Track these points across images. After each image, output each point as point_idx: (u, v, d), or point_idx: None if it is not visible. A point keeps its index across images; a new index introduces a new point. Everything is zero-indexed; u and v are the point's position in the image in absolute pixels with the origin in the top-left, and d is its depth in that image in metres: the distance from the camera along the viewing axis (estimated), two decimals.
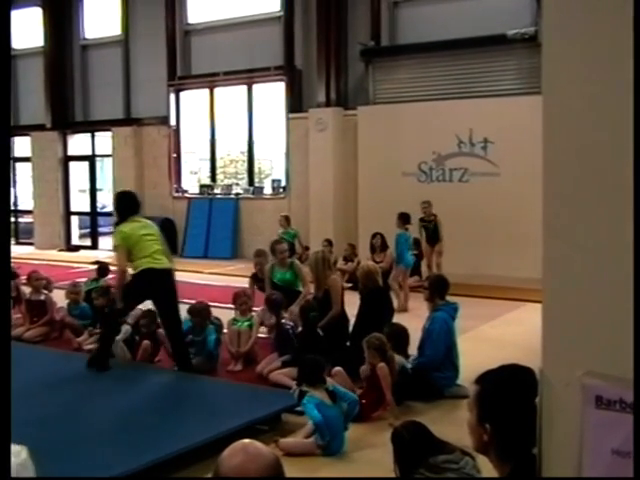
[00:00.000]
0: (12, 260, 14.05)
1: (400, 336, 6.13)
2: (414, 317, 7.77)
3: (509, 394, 2.08)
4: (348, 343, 6.88)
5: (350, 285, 10.32)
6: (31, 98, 18.79)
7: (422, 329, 6.42)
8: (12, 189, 20.09)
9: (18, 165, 19.93)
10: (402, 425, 3.97)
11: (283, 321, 7.02)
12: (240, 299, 7.38)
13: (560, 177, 1.66)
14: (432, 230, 11.51)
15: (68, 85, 18.53)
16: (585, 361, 1.61)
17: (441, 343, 6.19)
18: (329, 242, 12.46)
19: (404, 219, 10.41)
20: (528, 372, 2.12)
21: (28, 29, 19.02)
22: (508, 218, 11.64)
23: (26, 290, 8.87)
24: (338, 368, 5.87)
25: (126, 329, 7.14)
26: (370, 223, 12.40)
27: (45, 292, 8.60)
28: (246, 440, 1.82)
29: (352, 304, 7.29)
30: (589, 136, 1.58)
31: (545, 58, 1.69)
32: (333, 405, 5.05)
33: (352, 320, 7.13)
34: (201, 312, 7.01)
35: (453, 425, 5.19)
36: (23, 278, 9.22)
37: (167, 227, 16.81)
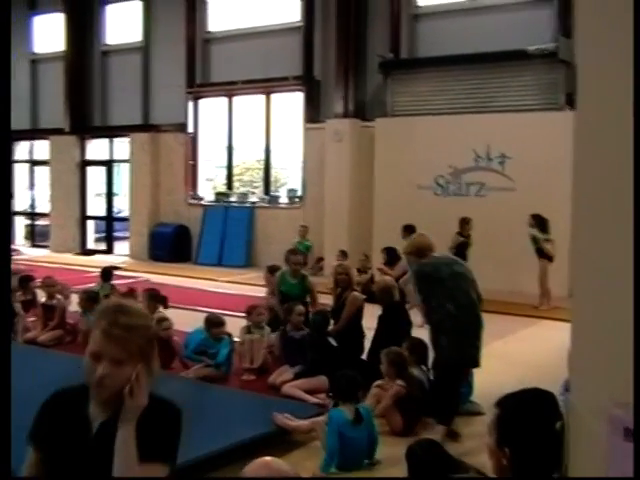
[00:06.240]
0: (28, 263, 14.17)
1: (419, 349, 6.07)
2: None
3: (529, 419, 2.05)
4: (364, 357, 6.84)
5: (364, 297, 10.25)
6: (51, 102, 18.92)
7: None
8: (30, 192, 20.27)
9: (36, 168, 20.06)
10: (417, 442, 3.93)
11: (288, 330, 6.99)
12: (256, 310, 7.33)
13: (592, 197, 1.61)
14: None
15: (87, 90, 18.64)
16: (613, 389, 1.57)
17: None
18: (343, 253, 12.40)
19: (409, 231, 10.33)
20: (549, 396, 2.09)
21: (50, 34, 19.20)
22: (523, 233, 11.55)
23: (41, 294, 8.87)
24: None
25: None
26: (385, 235, 12.35)
27: (58, 297, 8.57)
28: (267, 457, 1.89)
29: (366, 317, 7.25)
30: (623, 154, 1.53)
31: (580, 73, 1.65)
32: (357, 427, 4.87)
33: (367, 333, 7.09)
34: (219, 323, 6.97)
35: (466, 441, 5.15)
36: (38, 281, 9.21)
37: (181, 234, 16.92)
